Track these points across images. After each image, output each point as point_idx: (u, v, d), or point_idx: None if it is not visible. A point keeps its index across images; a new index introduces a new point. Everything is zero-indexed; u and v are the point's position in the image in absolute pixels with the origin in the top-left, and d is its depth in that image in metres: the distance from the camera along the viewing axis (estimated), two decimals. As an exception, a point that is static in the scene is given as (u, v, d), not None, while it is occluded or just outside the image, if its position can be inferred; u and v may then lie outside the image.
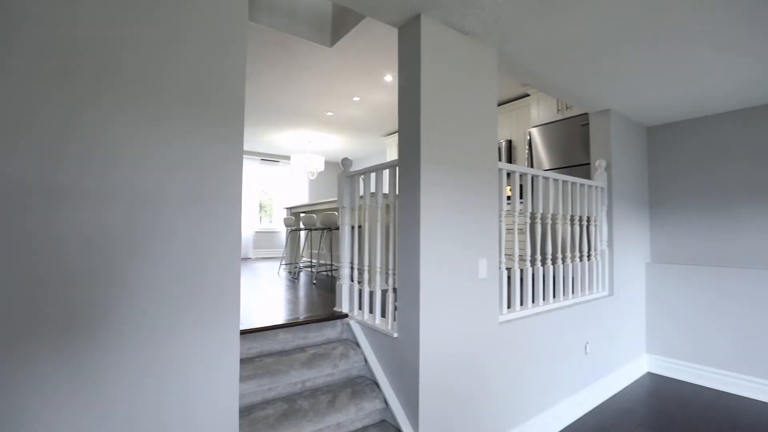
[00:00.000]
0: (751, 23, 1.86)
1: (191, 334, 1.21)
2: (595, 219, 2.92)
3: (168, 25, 1.19)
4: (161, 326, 1.16)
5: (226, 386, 1.27)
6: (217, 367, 1.25)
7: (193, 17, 1.23)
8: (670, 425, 2.44)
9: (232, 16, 1.30)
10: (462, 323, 1.85)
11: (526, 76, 2.50)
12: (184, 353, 1.19)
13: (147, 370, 1.13)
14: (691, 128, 3.33)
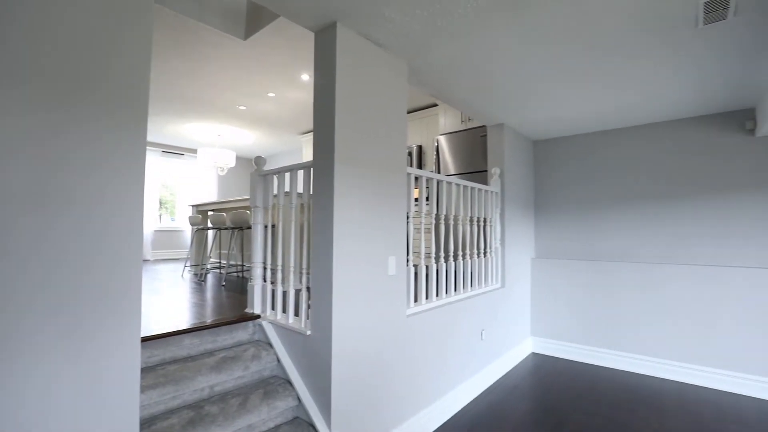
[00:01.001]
0: (622, 56, 2.29)
1: (85, 346, 1.11)
2: (491, 220, 3.29)
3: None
4: (44, 339, 1.05)
5: (124, 399, 1.20)
6: (115, 380, 1.17)
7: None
8: (547, 395, 2.88)
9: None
10: (372, 318, 1.97)
11: (433, 89, 2.73)
12: (75, 367, 1.10)
13: (29, 386, 1.02)
14: (570, 143, 3.94)
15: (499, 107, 3.07)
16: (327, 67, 1.85)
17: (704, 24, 1.79)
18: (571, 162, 3.91)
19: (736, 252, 3.09)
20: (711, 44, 2.03)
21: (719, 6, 1.65)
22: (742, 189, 3.07)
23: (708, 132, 3.23)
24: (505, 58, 2.23)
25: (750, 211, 3.04)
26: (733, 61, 2.24)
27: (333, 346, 1.77)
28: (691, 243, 3.27)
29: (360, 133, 1.92)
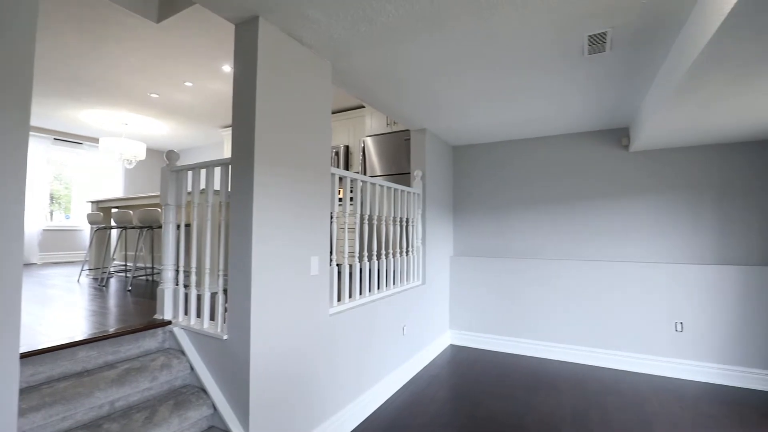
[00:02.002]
0: (525, 77, 2.54)
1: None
2: (413, 220, 3.45)
3: None
4: None
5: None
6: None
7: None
8: (463, 383, 3.10)
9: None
10: (294, 319, 1.96)
11: (358, 92, 2.78)
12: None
13: None
14: (485, 150, 4.27)
15: (420, 113, 3.23)
16: (248, 61, 1.80)
17: (589, 54, 2.09)
18: (486, 167, 4.25)
19: (620, 249, 3.62)
20: (594, 71, 2.36)
21: (599, 40, 1.94)
22: (623, 195, 3.61)
23: (595, 146, 3.74)
24: (424, 69, 2.36)
25: (630, 214, 3.59)
26: (611, 87, 2.63)
27: (251, 350, 1.73)
28: (584, 241, 3.76)
29: (282, 131, 1.89)
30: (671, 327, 3.28)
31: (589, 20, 1.80)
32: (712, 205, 3.30)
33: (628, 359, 3.41)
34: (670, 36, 1.94)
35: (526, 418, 2.54)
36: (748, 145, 3.21)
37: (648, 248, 3.50)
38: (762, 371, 3.00)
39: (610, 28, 1.84)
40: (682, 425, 2.45)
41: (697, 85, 1.94)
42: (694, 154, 3.37)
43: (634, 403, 2.76)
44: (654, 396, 2.89)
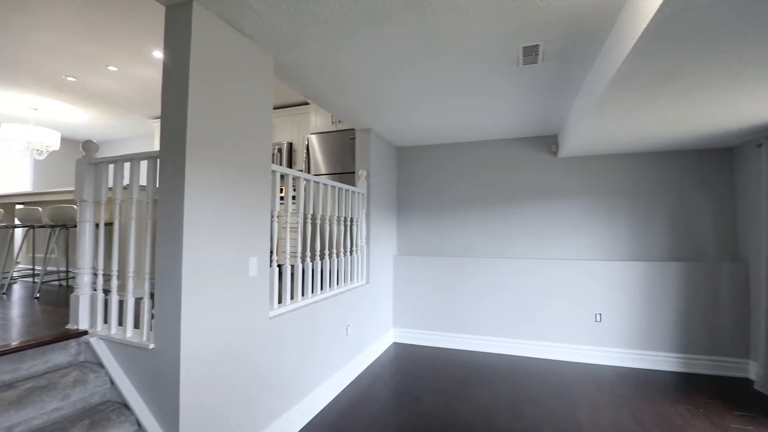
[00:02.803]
0: (465, 83, 2.62)
1: None
2: (357, 220, 3.44)
3: None
4: None
5: None
6: None
7: None
8: (405, 379, 3.15)
9: None
10: (231, 323, 1.85)
11: (302, 88, 2.71)
12: None
13: None
14: (428, 152, 4.38)
15: (365, 113, 3.23)
16: (180, 47, 1.67)
17: (523, 64, 2.22)
18: (428, 169, 4.36)
19: (549, 247, 3.90)
20: (528, 81, 2.52)
21: (533, 52, 2.07)
22: (552, 197, 3.90)
23: (527, 151, 4.00)
24: (369, 67, 2.36)
25: (558, 214, 3.88)
26: (543, 97, 2.82)
27: (182, 359, 1.61)
28: (516, 240, 4.00)
29: (218, 124, 1.78)
30: (591, 318, 3.61)
31: (523, 32, 1.91)
32: (626, 208, 3.68)
33: (555, 349, 3.69)
34: (592, 53, 2.13)
35: (464, 411, 2.64)
36: (656, 155, 3.62)
37: (572, 246, 3.82)
38: (665, 354, 3.41)
39: (542, 42, 1.97)
40: (600, 406, 2.70)
41: (615, 99, 2.14)
42: (611, 162, 3.74)
43: (560, 390, 2.99)
44: (577, 381, 3.15)
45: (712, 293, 3.33)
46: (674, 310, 3.41)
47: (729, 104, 2.23)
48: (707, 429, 2.40)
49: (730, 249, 3.40)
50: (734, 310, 3.26)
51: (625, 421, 2.51)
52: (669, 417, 2.55)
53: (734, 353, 3.26)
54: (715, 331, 3.31)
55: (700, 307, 3.35)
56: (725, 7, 1.24)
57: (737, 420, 2.51)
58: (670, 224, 3.56)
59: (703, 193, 3.49)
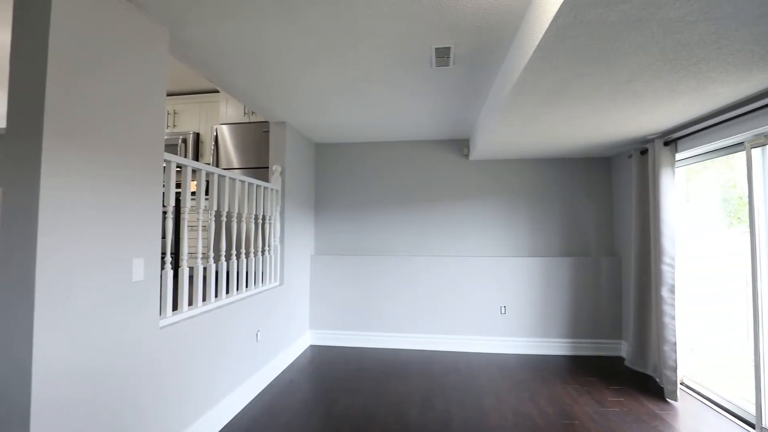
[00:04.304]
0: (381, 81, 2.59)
1: None
2: (270, 218, 3.24)
3: None
4: None
5: None
6: None
7: None
8: (320, 383, 3.05)
9: None
10: (108, 337, 1.58)
11: (206, 72, 2.46)
12: None
13: None
14: (347, 150, 4.31)
15: (279, 105, 3.05)
16: (36, 6, 1.37)
17: (436, 65, 2.27)
18: (347, 166, 4.30)
19: (461, 245, 4.09)
20: (442, 83, 2.59)
21: (445, 53, 2.12)
22: (464, 198, 4.10)
23: (442, 153, 4.16)
24: (281, 55, 2.21)
25: (469, 214, 4.09)
26: (455, 100, 2.94)
27: (34, 385, 1.31)
28: (431, 238, 4.13)
29: (90, 101, 1.51)
30: (497, 310, 3.87)
31: (435, 33, 1.95)
32: (526, 209, 4.02)
33: (465, 342, 3.89)
34: (498, 60, 2.26)
35: (379, 409, 2.63)
36: (551, 161, 4.02)
37: (481, 244, 4.06)
38: (558, 340, 3.79)
39: (453, 44, 2.03)
40: (503, 391, 2.90)
41: (516, 106, 2.30)
42: (515, 166, 4.06)
43: (468, 379, 3.15)
44: (484, 371, 3.35)
45: (594, 284, 3.79)
46: (565, 300, 3.81)
47: (606, 119, 2.53)
48: (589, 404, 2.70)
49: (608, 245, 3.91)
50: (610, 298, 3.76)
51: (523, 403, 2.71)
52: (560, 396, 2.83)
53: (611, 335, 3.75)
54: (596, 317, 3.77)
55: (585, 297, 3.80)
56: (605, 30, 1.38)
57: (612, 394, 2.87)
58: (562, 224, 3.97)
59: (587, 196, 3.96)
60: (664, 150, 2.87)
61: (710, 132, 2.54)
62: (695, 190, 3.10)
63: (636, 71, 1.79)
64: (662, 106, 2.30)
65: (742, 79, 1.87)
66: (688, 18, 1.32)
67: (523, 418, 2.51)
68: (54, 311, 1.37)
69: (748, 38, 1.46)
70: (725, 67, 1.73)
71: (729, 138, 2.39)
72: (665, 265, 2.84)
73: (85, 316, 1.49)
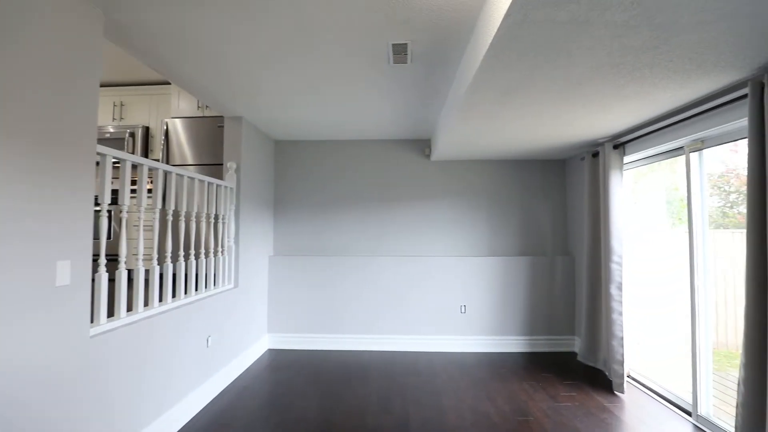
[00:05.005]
0: (340, 77, 2.51)
1: None
2: (224, 217, 3.09)
3: None
4: None
5: None
6: None
7: None
8: (277, 388, 2.93)
9: None
10: (25, 351, 1.41)
11: (150, 60, 2.29)
12: None
13: None
14: (309, 147, 4.20)
15: (234, 99, 2.91)
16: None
17: (394, 62, 2.24)
18: (308, 165, 4.19)
19: (423, 245, 4.08)
20: (401, 81, 2.56)
21: (402, 50, 2.09)
22: (426, 198, 4.10)
23: (404, 153, 4.15)
24: (233, 47, 2.09)
25: (431, 214, 4.10)
26: (416, 99, 2.92)
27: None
28: (393, 238, 4.11)
29: (8, 83, 1.34)
30: (458, 310, 3.91)
31: (391, 28, 1.91)
32: (486, 209, 4.09)
33: (426, 341, 3.89)
34: (455, 59, 2.25)
35: (336, 413, 2.56)
36: (509, 162, 4.10)
37: (443, 244, 4.08)
38: (516, 337, 3.87)
39: (409, 41, 2.00)
40: (461, 391, 2.91)
41: (472, 106, 2.31)
42: (475, 166, 4.11)
43: (428, 379, 3.14)
44: (444, 370, 3.36)
45: (549, 283, 3.91)
46: (522, 298, 3.90)
47: (559, 120, 2.60)
48: (544, 399, 2.77)
49: (562, 245, 4.05)
50: (565, 296, 3.89)
51: (481, 401, 2.73)
52: (516, 393, 2.87)
53: (565, 332, 3.88)
54: (552, 314, 3.89)
55: (541, 295, 3.90)
56: (555, 30, 1.40)
57: (565, 388, 2.96)
58: (520, 224, 4.07)
59: (544, 197, 4.08)
60: (613, 153, 3.00)
61: (654, 136, 2.67)
62: (642, 193, 3.26)
63: (586, 74, 1.83)
64: (611, 110, 2.38)
65: (681, 85, 1.96)
66: (632, 22, 1.35)
67: (480, 416, 2.53)
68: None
69: (686, 45, 1.53)
70: (666, 73, 1.81)
71: (670, 142, 2.52)
72: (614, 264, 2.96)
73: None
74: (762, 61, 1.70)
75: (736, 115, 2.01)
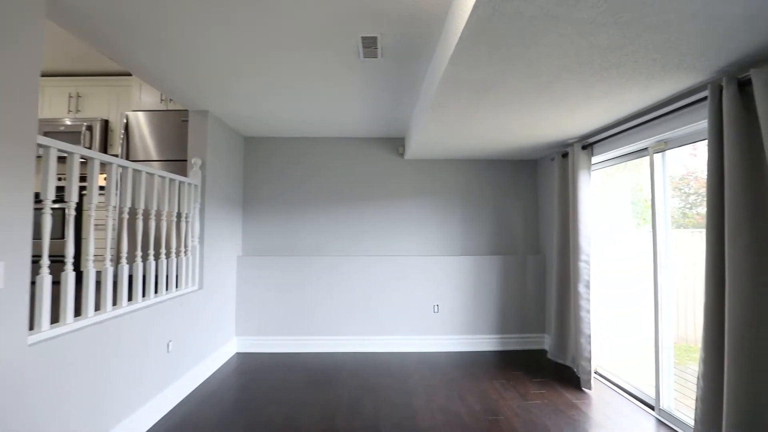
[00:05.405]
0: (311, 71, 2.43)
1: None
2: (188, 215, 2.94)
3: None
4: None
5: None
6: None
7: None
8: (244, 393, 2.81)
9: None
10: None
11: (105, 47, 2.14)
12: None
13: None
14: (280, 144, 4.07)
15: (198, 92, 2.77)
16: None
17: (364, 56, 2.18)
18: (280, 162, 4.07)
19: (396, 244, 4.04)
20: (372, 76, 2.51)
21: (372, 44, 2.04)
22: (400, 197, 4.06)
23: (378, 151, 4.10)
24: (194, 35, 1.98)
25: (404, 213, 4.06)
26: (389, 95, 2.87)
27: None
28: (366, 238, 4.04)
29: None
30: (431, 309, 3.89)
31: (361, 21, 1.85)
32: (459, 208, 4.09)
33: (399, 342, 3.86)
34: (426, 54, 2.22)
35: (305, 418, 2.48)
36: (482, 162, 4.12)
37: (416, 243, 4.06)
38: (488, 336, 3.89)
39: (379, 34, 1.95)
40: (433, 390, 2.88)
41: (443, 103, 2.28)
42: (448, 166, 4.11)
43: (400, 380, 3.10)
44: (417, 370, 3.33)
45: (521, 281, 3.95)
46: (494, 297, 3.93)
47: (530, 118, 2.62)
48: (514, 398, 2.78)
49: (533, 244, 4.10)
50: (536, 294, 3.94)
51: (453, 401, 2.72)
52: (487, 392, 2.87)
53: (536, 329, 3.93)
54: (523, 312, 3.94)
55: (512, 294, 3.94)
56: (523, 25, 1.37)
57: (535, 386, 2.98)
58: (492, 223, 4.09)
59: (516, 197, 4.12)
60: (582, 153, 3.05)
61: (620, 137, 2.73)
62: (610, 193, 3.33)
63: (555, 73, 1.83)
64: (580, 110, 2.41)
65: (645, 87, 2.00)
66: (599, 19, 1.35)
67: (452, 416, 2.51)
68: None
69: (651, 45, 1.54)
70: (632, 74, 1.83)
71: (636, 143, 2.58)
72: (582, 262, 3.01)
73: None
74: (721, 64, 1.74)
75: (697, 117, 2.06)
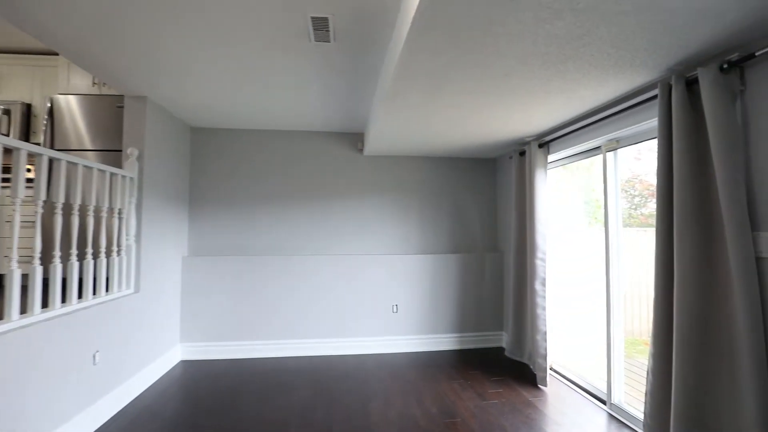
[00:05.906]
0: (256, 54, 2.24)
1: None
2: (121, 211, 2.66)
3: None
4: None
5: None
6: None
7: None
8: (185, 405, 2.57)
9: None
10: None
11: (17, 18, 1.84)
12: None
13: None
14: (231, 136, 3.81)
15: (133, 74, 2.50)
16: None
17: (315, 40, 2.03)
18: (231, 156, 3.82)
19: (355, 242, 3.91)
20: (325, 62, 2.34)
21: (323, 26, 1.89)
22: (359, 194, 3.93)
23: (336, 146, 3.94)
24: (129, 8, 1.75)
25: (364, 211, 3.93)
26: (343, 84, 2.71)
27: None
28: (323, 236, 3.88)
29: None
30: (389, 309, 3.79)
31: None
32: (418, 206, 4.03)
33: (358, 343, 3.73)
34: (383, 40, 2.11)
35: (253, 428, 2.29)
36: (441, 159, 4.08)
37: (376, 242, 3.95)
38: (446, 335, 3.85)
39: (330, 15, 1.81)
40: (391, 393, 2.78)
41: (400, 92, 2.18)
42: (407, 162, 4.03)
43: (357, 384, 2.97)
44: (375, 373, 3.22)
45: (479, 279, 3.95)
46: (452, 295, 3.90)
47: (488, 110, 2.58)
48: (472, 398, 2.73)
49: (492, 242, 4.12)
50: (494, 292, 3.95)
51: (410, 405, 2.63)
52: (445, 394, 2.81)
53: (493, 327, 3.94)
54: (481, 310, 3.93)
55: (470, 292, 3.93)
56: (482, 9, 1.29)
57: (492, 385, 2.96)
58: (451, 221, 4.07)
59: (474, 195, 4.12)
60: (539, 151, 3.06)
61: (575, 135, 2.75)
62: (565, 193, 3.39)
63: (512, 64, 1.78)
64: (537, 106, 2.40)
65: (600, 83, 2.00)
66: (556, 5, 1.29)
67: (407, 420, 2.41)
68: None
69: (607, 38, 1.52)
70: (587, 68, 1.82)
71: (589, 141, 2.61)
72: (538, 260, 3.03)
73: None
74: (671, 63, 1.76)
75: (648, 116, 2.10)
